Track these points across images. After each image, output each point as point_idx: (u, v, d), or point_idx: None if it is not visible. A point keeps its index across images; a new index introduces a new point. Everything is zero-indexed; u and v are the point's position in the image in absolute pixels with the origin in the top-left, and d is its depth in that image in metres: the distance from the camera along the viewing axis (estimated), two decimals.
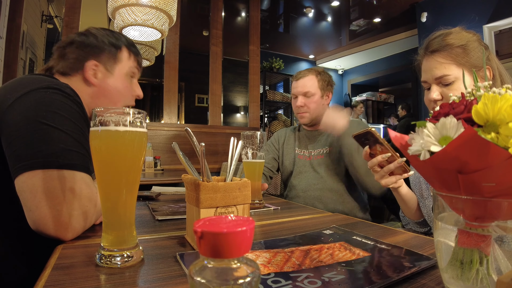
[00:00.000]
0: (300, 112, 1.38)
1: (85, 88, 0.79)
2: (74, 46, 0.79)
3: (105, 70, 0.80)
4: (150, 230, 0.65)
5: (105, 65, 0.80)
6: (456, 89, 0.76)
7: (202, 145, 0.50)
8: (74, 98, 0.67)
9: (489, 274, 0.31)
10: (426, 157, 0.31)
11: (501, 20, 3.23)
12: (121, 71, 0.82)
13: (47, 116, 0.60)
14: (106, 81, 0.80)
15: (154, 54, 2.73)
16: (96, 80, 0.79)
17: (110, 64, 0.81)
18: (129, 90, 0.85)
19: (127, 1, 1.53)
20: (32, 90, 0.62)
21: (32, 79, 0.66)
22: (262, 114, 3.66)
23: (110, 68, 0.81)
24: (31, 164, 0.56)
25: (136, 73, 0.87)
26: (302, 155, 1.40)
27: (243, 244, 0.22)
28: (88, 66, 0.78)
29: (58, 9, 3.67)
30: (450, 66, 0.77)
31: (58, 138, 0.59)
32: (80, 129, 0.65)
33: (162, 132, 2.75)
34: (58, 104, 0.63)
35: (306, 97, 1.36)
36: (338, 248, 0.52)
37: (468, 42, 0.77)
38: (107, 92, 0.81)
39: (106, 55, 0.80)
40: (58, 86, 0.65)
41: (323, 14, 5.25)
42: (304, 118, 1.38)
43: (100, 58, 0.80)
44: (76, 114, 0.65)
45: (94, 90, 0.80)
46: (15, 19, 2.53)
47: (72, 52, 0.79)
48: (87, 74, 0.78)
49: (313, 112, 1.36)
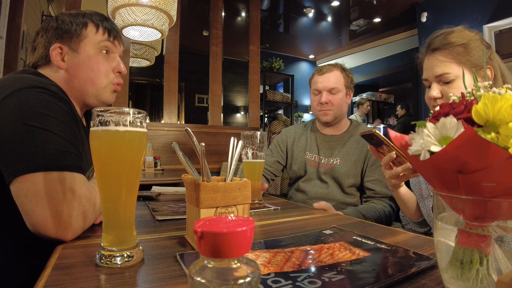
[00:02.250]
0: (324, 109, 1.28)
1: (58, 75, 0.75)
2: (40, 35, 0.76)
3: (71, 51, 0.74)
4: (150, 230, 0.65)
5: (69, 45, 0.74)
6: (456, 87, 0.77)
7: (202, 145, 0.50)
8: (60, 95, 0.64)
9: (489, 274, 0.31)
10: (426, 157, 0.31)
11: (501, 20, 3.23)
12: (89, 48, 0.76)
13: (34, 117, 0.58)
14: (74, 61, 0.75)
15: (154, 54, 2.74)
16: (64, 63, 0.74)
17: (74, 43, 0.74)
18: (105, 66, 0.78)
19: (127, 1, 1.53)
20: (16, 91, 0.60)
21: (15, 79, 0.64)
22: (262, 114, 3.66)
23: (75, 47, 0.74)
24: (22, 168, 0.55)
25: (111, 47, 0.79)
26: (313, 161, 1.32)
27: (243, 244, 0.22)
28: (53, 51, 0.73)
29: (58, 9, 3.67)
30: (451, 65, 0.77)
31: (46, 139, 0.58)
32: (70, 127, 0.63)
33: (162, 132, 2.75)
34: (44, 103, 0.60)
35: (331, 93, 1.27)
36: (338, 248, 0.52)
37: (470, 41, 0.77)
38: (79, 73, 0.75)
39: (69, 35, 0.74)
40: (42, 84, 0.63)
41: (323, 14, 5.25)
42: (327, 115, 1.28)
43: (63, 39, 0.74)
44: (64, 112, 0.63)
45: (66, 74, 0.75)
46: (15, 19, 2.53)
47: (40, 42, 0.75)
48: (53, 59, 0.73)
49: (337, 110, 1.28)
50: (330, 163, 1.27)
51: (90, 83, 0.76)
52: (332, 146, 1.31)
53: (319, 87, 1.29)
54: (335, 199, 1.24)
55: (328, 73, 1.28)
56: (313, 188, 1.28)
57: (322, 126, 1.37)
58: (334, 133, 1.34)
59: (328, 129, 1.35)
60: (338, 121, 1.32)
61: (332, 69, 1.29)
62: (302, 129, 1.44)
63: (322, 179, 1.27)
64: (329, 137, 1.34)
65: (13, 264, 0.65)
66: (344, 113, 1.33)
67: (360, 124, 1.37)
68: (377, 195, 1.18)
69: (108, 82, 0.79)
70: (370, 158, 1.22)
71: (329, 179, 1.26)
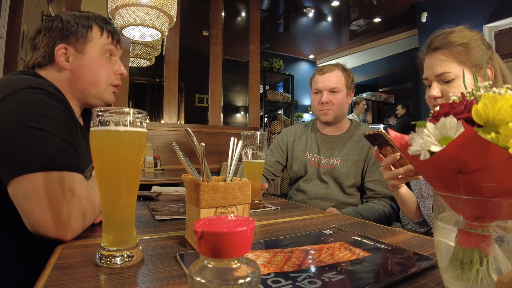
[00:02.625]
0: (324, 108, 1.28)
1: (61, 75, 0.76)
2: (42, 34, 0.76)
3: (76, 52, 0.76)
4: (150, 230, 0.65)
5: (75, 47, 0.76)
6: (456, 86, 0.77)
7: (202, 145, 0.50)
8: (58, 96, 0.65)
9: (489, 274, 0.31)
10: (426, 157, 0.31)
11: (501, 20, 3.23)
12: (93, 50, 0.78)
13: (32, 118, 0.59)
14: (78, 63, 0.76)
15: (154, 54, 2.74)
16: (68, 64, 0.76)
17: (80, 45, 0.76)
18: (108, 69, 0.80)
19: (127, 1, 1.53)
20: (14, 92, 0.60)
21: (13, 80, 0.64)
22: (262, 114, 3.66)
23: (80, 48, 0.76)
24: (21, 168, 0.55)
25: (114, 51, 0.82)
26: (313, 161, 1.32)
27: (243, 244, 0.22)
28: (58, 51, 0.74)
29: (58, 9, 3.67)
30: (451, 64, 0.77)
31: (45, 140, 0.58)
32: (68, 128, 0.64)
33: (162, 132, 2.75)
34: (42, 104, 0.61)
35: (332, 93, 1.27)
36: (338, 248, 0.52)
37: (470, 41, 0.77)
38: (83, 74, 0.77)
39: (75, 36, 0.76)
40: (40, 85, 0.63)
41: (323, 14, 5.25)
42: (328, 115, 1.28)
43: (68, 40, 0.75)
44: (62, 112, 0.64)
45: (70, 75, 0.76)
46: (15, 19, 2.53)
47: (41, 41, 0.76)
48: (58, 59, 0.74)
49: (337, 110, 1.28)
50: (331, 163, 1.27)
51: (93, 85, 0.78)
52: (333, 146, 1.31)
53: (320, 86, 1.29)
54: (335, 199, 1.24)
55: (329, 72, 1.29)
56: (314, 188, 1.28)
57: (322, 126, 1.37)
58: (334, 133, 1.34)
59: (328, 129, 1.35)
60: (338, 121, 1.32)
61: (333, 69, 1.29)
62: (303, 129, 1.43)
63: (323, 179, 1.27)
64: (329, 137, 1.34)
65: (13, 264, 0.65)
66: (345, 113, 1.33)
67: (360, 124, 1.37)
68: (377, 195, 1.18)
69: (109, 83, 0.81)
70: (370, 159, 1.22)
71: (329, 179, 1.26)
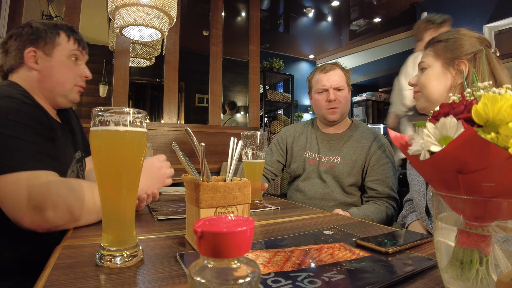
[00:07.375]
0: (332, 106, 1.27)
1: (31, 75, 0.84)
2: (13, 39, 0.84)
3: (44, 55, 0.84)
4: (150, 230, 0.65)
5: (44, 50, 0.84)
6: (425, 75, 0.85)
7: (202, 145, 0.50)
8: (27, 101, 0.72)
9: (489, 274, 0.31)
10: (426, 157, 0.31)
11: (501, 20, 3.23)
12: (61, 54, 0.86)
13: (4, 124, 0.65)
14: (47, 64, 0.84)
15: (154, 54, 2.74)
16: (37, 65, 0.83)
17: (48, 49, 0.84)
18: (73, 71, 0.89)
19: (127, 1, 1.53)
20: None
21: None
22: (262, 114, 3.66)
23: (48, 52, 0.84)
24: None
25: (79, 56, 0.91)
26: (313, 160, 1.31)
27: (243, 244, 0.22)
28: (27, 54, 0.82)
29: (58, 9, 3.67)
30: (428, 56, 0.87)
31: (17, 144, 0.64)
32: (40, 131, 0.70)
33: (162, 132, 2.75)
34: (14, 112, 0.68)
35: (338, 90, 1.28)
36: (338, 248, 0.52)
37: (451, 38, 0.85)
38: (51, 75, 0.85)
39: (43, 41, 0.84)
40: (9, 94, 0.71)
41: (323, 14, 5.25)
42: (336, 113, 1.28)
43: (37, 44, 0.83)
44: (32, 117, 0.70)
45: (39, 75, 0.84)
46: (15, 19, 2.53)
47: (12, 45, 0.83)
48: (27, 61, 0.82)
49: (344, 108, 1.29)
50: (331, 162, 1.27)
51: (60, 85, 0.86)
52: (333, 144, 1.31)
53: (326, 85, 1.28)
54: (335, 199, 1.24)
55: (332, 71, 1.29)
56: (313, 188, 1.28)
57: (324, 125, 1.37)
58: (335, 132, 1.34)
59: (329, 128, 1.35)
60: (342, 119, 1.33)
61: (334, 67, 1.31)
62: (302, 128, 1.43)
63: (322, 178, 1.27)
64: (329, 135, 1.33)
65: (13, 264, 0.65)
66: (348, 111, 1.34)
67: (361, 123, 1.37)
68: (379, 195, 1.18)
69: (74, 84, 0.90)
70: (371, 158, 1.22)
71: (329, 178, 1.26)
